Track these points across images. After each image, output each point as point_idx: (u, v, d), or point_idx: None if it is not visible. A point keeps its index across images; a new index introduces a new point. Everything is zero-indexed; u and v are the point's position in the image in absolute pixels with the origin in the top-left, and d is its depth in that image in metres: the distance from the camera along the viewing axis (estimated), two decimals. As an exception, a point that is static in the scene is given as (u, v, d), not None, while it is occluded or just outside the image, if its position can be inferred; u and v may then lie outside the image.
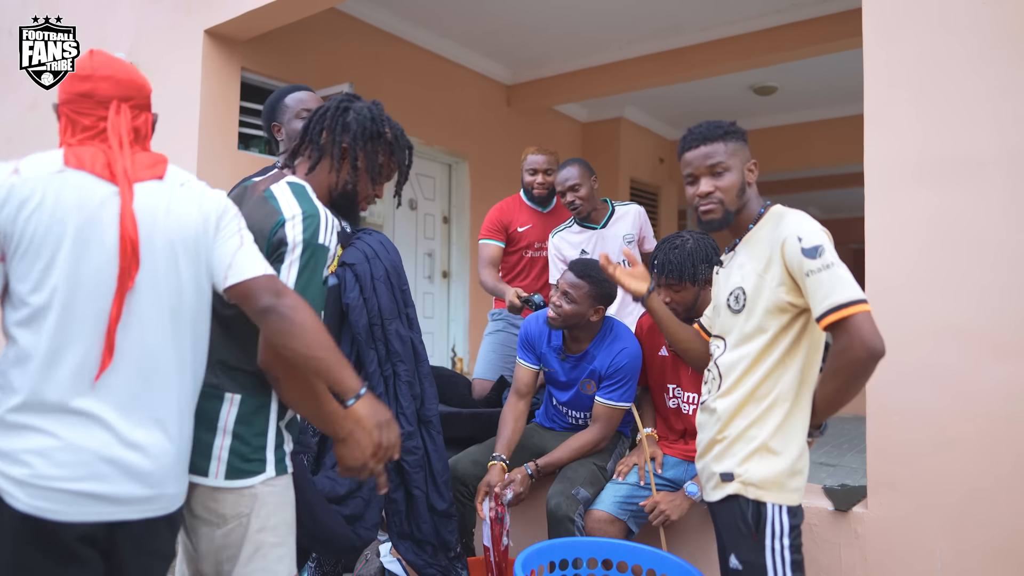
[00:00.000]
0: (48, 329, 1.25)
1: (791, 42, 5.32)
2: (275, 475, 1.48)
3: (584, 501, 2.35)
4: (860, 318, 1.48)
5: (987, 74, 2.01)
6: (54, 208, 1.26)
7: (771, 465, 1.58)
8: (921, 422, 2.05)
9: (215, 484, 1.43)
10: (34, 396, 1.24)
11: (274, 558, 1.47)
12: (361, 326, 2.25)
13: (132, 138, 1.39)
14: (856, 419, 1.97)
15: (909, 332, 2.09)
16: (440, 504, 2.30)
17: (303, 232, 1.46)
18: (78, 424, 1.25)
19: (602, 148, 7.47)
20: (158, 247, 1.33)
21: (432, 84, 6.07)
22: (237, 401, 1.47)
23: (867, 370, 1.50)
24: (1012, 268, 1.95)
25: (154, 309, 1.33)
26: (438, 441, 2.36)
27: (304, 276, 1.46)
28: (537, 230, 3.44)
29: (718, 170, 1.71)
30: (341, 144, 1.64)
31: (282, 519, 1.50)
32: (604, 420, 2.50)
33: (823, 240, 1.56)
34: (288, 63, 5.00)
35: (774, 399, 1.60)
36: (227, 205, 1.47)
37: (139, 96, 1.45)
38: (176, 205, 1.37)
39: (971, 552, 1.97)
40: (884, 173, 2.16)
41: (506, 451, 2.55)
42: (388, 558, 2.61)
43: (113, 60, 1.45)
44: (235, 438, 1.45)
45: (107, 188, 1.30)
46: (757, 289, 1.64)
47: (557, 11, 5.41)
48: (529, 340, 2.68)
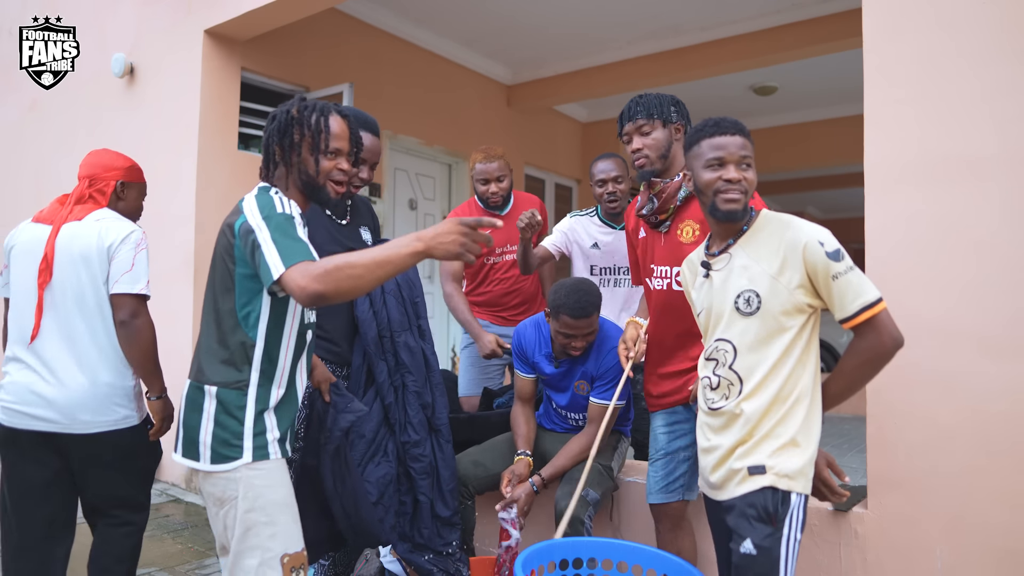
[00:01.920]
0: (11, 311, 2.14)
1: (791, 42, 5.32)
2: (252, 460, 1.60)
3: (594, 502, 2.36)
4: (885, 314, 1.60)
5: (986, 74, 2.01)
6: (20, 242, 2.17)
7: (799, 457, 1.63)
8: (921, 422, 2.06)
9: (204, 468, 1.61)
10: (7, 350, 2.12)
11: (266, 535, 1.60)
12: (371, 338, 2.31)
13: (76, 199, 2.19)
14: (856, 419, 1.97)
15: (909, 332, 2.07)
16: (444, 512, 2.33)
17: (260, 212, 1.58)
18: (20, 368, 2.07)
19: (602, 148, 7.43)
20: (64, 261, 2.06)
21: (432, 84, 6.06)
22: (214, 393, 1.62)
23: (890, 360, 1.64)
24: (1012, 268, 1.95)
25: (63, 299, 2.06)
26: (447, 450, 2.41)
27: (283, 245, 1.51)
28: (495, 235, 3.11)
29: (746, 163, 1.73)
30: (273, 147, 1.75)
31: (270, 499, 1.61)
32: (599, 420, 2.51)
33: (838, 244, 1.63)
34: (288, 63, 5.00)
35: (797, 396, 1.65)
36: (127, 236, 2.09)
37: (102, 173, 2.24)
38: (82, 234, 2.08)
39: (971, 552, 1.97)
40: (884, 173, 2.16)
41: (528, 447, 2.62)
42: (388, 558, 2.61)
43: (96, 153, 2.31)
44: (216, 425, 1.61)
45: (47, 229, 2.13)
46: (772, 292, 1.65)
47: (557, 11, 5.41)
48: (522, 351, 2.69)
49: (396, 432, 2.34)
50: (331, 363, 2.28)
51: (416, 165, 6.13)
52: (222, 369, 1.63)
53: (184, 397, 1.68)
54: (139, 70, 4.66)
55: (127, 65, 4.65)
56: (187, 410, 1.65)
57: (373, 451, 2.30)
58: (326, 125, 1.72)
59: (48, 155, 5.37)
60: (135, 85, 4.69)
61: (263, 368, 1.64)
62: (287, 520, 1.64)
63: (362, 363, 2.34)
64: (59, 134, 5.29)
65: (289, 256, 1.49)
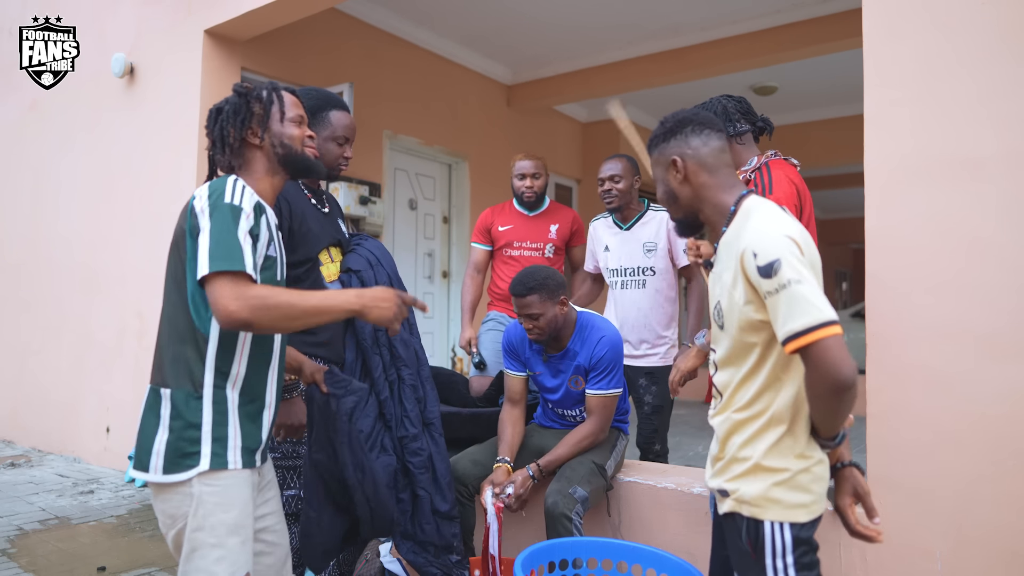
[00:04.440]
0: None
1: (791, 42, 5.32)
2: (209, 468, 1.47)
3: (581, 499, 2.34)
4: (823, 345, 1.28)
5: (986, 74, 2.01)
6: None
7: (765, 482, 1.44)
8: (921, 422, 2.05)
9: (156, 480, 1.48)
10: None
11: (212, 559, 1.47)
12: (367, 332, 2.29)
13: None
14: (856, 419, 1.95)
15: (909, 332, 2.09)
16: (443, 506, 2.32)
17: (208, 199, 1.50)
18: None
19: (602, 148, 7.47)
20: None
21: (432, 84, 6.07)
22: (169, 395, 1.50)
23: (840, 398, 1.32)
24: (1011, 268, 1.95)
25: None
26: (440, 443, 2.39)
27: (217, 241, 1.43)
28: (517, 231, 3.52)
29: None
30: (227, 130, 1.67)
31: (220, 520, 1.48)
32: (599, 410, 2.52)
33: (781, 252, 1.34)
34: (288, 63, 5.00)
35: (768, 419, 1.45)
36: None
37: None
38: None
39: (971, 552, 1.97)
40: (884, 173, 2.16)
41: (509, 454, 2.58)
42: (388, 558, 2.61)
43: None
44: (170, 432, 1.48)
45: None
46: (730, 306, 1.48)
47: (557, 11, 5.41)
48: (512, 348, 2.70)
49: (393, 427, 2.33)
50: (324, 360, 2.27)
51: (416, 165, 6.13)
52: (176, 369, 1.50)
53: (142, 403, 1.55)
54: (139, 70, 4.66)
55: (127, 65, 4.65)
56: (143, 417, 1.52)
57: (371, 446, 2.29)
58: (279, 96, 1.71)
59: (48, 155, 5.37)
60: (135, 85, 4.69)
61: (218, 366, 1.51)
62: (236, 543, 1.50)
63: (355, 358, 2.32)
64: (59, 134, 5.29)
65: (219, 258, 1.40)
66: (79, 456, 4.89)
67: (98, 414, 4.75)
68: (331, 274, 2.29)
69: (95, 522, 3.49)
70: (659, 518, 2.53)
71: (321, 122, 2.29)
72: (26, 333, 5.49)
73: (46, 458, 4.94)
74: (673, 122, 1.62)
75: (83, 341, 4.93)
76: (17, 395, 5.51)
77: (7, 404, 5.59)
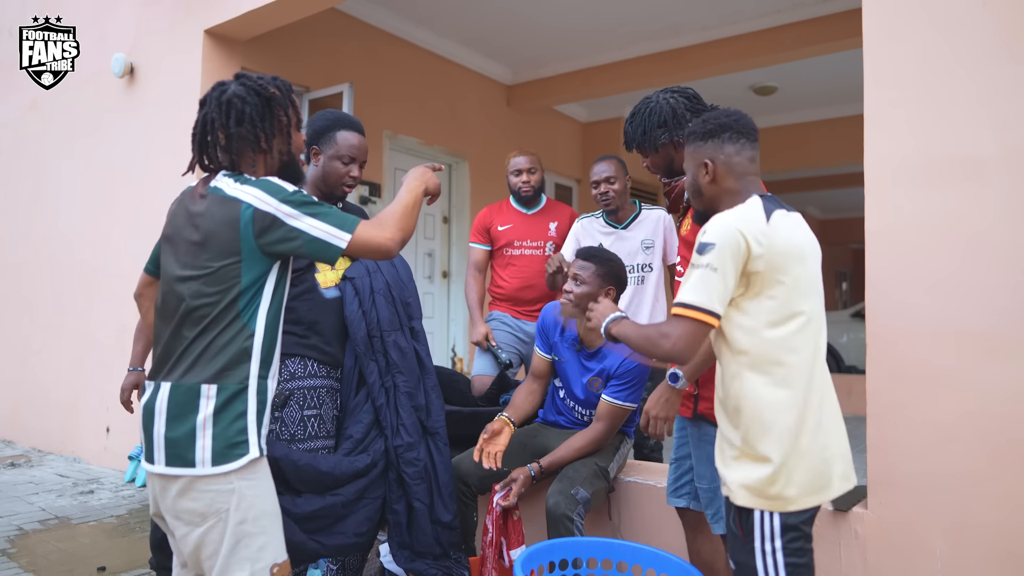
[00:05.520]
0: None
1: (791, 42, 5.32)
2: (259, 455, 1.55)
3: (583, 501, 2.34)
4: (688, 323, 1.47)
5: (986, 74, 2.02)
6: None
7: (750, 472, 1.50)
8: (921, 422, 2.06)
9: (203, 472, 1.50)
10: None
11: (256, 547, 1.54)
12: (360, 338, 2.27)
13: None
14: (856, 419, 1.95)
15: (909, 332, 2.09)
16: (444, 516, 2.30)
17: (274, 198, 1.57)
18: None
19: (602, 148, 7.45)
20: None
21: (432, 84, 6.07)
22: (213, 392, 1.53)
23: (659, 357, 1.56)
24: (1011, 267, 1.95)
25: None
26: (444, 453, 2.35)
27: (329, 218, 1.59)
28: (517, 230, 3.50)
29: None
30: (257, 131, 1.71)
31: (262, 510, 1.56)
32: (608, 419, 2.50)
33: (718, 239, 1.47)
34: (288, 63, 5.00)
35: (735, 406, 1.52)
36: None
37: None
38: None
39: (971, 552, 1.97)
40: (884, 173, 2.16)
41: (515, 415, 2.63)
42: (388, 558, 2.61)
43: None
44: (216, 426, 1.52)
45: None
46: None
47: (557, 11, 5.41)
48: (544, 329, 2.72)
49: (388, 436, 2.29)
50: (324, 364, 2.26)
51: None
52: (215, 363, 1.53)
53: (164, 401, 1.54)
54: (139, 70, 4.66)
55: (127, 65, 4.65)
56: (171, 415, 1.51)
57: (360, 451, 2.26)
58: (295, 105, 1.79)
59: (48, 155, 5.37)
60: (135, 85, 4.69)
61: (263, 358, 1.58)
62: (275, 529, 1.59)
63: (354, 365, 2.31)
64: (59, 134, 5.29)
65: (343, 223, 1.58)
66: (79, 456, 4.89)
67: (98, 414, 4.75)
68: (327, 281, 2.29)
69: (95, 522, 3.49)
70: (659, 518, 2.53)
71: (328, 141, 2.35)
72: (26, 333, 5.49)
73: (46, 458, 4.94)
74: (714, 124, 1.68)
75: (83, 341, 4.93)
76: (17, 395, 5.52)
77: (7, 404, 5.59)
